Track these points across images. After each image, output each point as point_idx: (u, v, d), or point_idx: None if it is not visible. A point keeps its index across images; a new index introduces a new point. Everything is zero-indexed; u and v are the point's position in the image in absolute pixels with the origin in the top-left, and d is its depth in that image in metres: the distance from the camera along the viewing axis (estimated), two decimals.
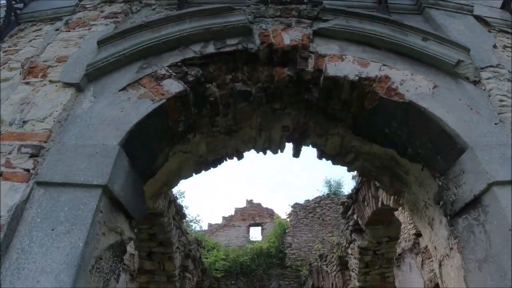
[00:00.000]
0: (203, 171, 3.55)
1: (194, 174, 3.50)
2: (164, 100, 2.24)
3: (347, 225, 7.27)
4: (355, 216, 6.73)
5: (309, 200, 17.54)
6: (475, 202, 1.99)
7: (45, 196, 1.87)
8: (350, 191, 6.64)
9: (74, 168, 1.91)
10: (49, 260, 1.65)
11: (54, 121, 2.28)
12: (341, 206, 7.30)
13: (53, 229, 1.73)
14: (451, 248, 2.39)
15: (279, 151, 3.63)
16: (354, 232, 6.95)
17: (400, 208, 5.95)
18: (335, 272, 8.32)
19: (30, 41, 3.34)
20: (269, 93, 2.72)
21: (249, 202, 37.45)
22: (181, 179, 3.47)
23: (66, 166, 1.94)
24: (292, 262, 15.16)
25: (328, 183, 19.44)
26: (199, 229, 21.09)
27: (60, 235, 1.70)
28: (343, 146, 3.19)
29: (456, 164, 2.15)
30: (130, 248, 6.68)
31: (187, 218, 20.87)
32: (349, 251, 7.37)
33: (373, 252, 6.80)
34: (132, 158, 2.11)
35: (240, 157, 3.62)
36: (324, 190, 19.34)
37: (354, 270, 7.19)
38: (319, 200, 17.47)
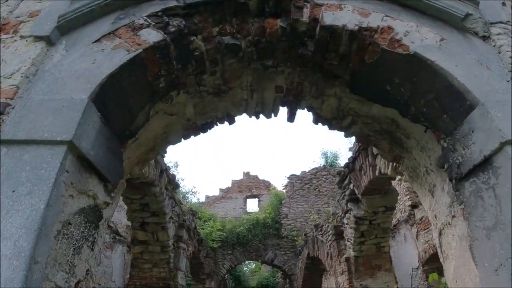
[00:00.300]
0: (192, 136, 3.34)
1: (182, 139, 3.30)
2: (140, 50, 2.00)
3: (343, 195, 7.17)
4: (351, 186, 6.61)
5: (305, 171, 17.50)
6: (485, 163, 1.80)
7: (7, 155, 1.67)
8: (347, 160, 6.48)
9: (39, 124, 1.70)
10: (8, 224, 1.46)
11: (21, 77, 2.08)
12: (337, 176, 7.18)
13: (13, 191, 1.54)
14: (453, 216, 2.24)
15: (272, 115, 3.41)
16: (350, 201, 6.86)
17: (397, 178, 5.83)
18: (330, 242, 8.30)
19: (6, 0, 3.11)
20: (260, 48, 2.47)
21: (246, 174, 37.71)
22: (168, 145, 3.27)
23: (30, 122, 1.73)
24: (288, 232, 15.26)
25: (325, 155, 19.37)
26: (196, 201, 21.16)
27: (20, 197, 1.51)
28: (341, 109, 2.98)
29: (464, 123, 1.95)
30: (125, 219, 6.56)
31: (183, 190, 20.87)
32: (345, 220, 7.31)
33: (369, 221, 6.73)
34: (105, 115, 1.89)
35: (231, 121, 3.41)
36: (321, 162, 19.26)
37: (349, 240, 7.14)
38: (315, 172, 17.43)
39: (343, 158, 20.70)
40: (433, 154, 2.44)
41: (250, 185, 35.64)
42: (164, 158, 6.11)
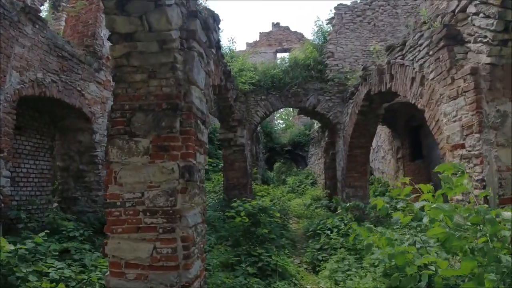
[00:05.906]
0: None
1: None
2: None
3: None
4: None
5: (357, 1, 13.68)
6: None
7: None
8: None
9: None
10: None
11: None
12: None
13: None
14: None
15: None
16: None
17: None
18: (425, 59, 5.38)
19: None
20: None
21: (276, 25, 33.50)
22: None
23: None
24: (334, 74, 12.38)
25: None
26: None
27: None
28: None
29: None
30: None
31: None
32: (471, 9, 4.24)
33: None
34: None
35: None
36: None
37: (479, 40, 4.18)
38: (370, 1, 13.58)
39: None
40: None
41: (280, 38, 31.86)
42: None
